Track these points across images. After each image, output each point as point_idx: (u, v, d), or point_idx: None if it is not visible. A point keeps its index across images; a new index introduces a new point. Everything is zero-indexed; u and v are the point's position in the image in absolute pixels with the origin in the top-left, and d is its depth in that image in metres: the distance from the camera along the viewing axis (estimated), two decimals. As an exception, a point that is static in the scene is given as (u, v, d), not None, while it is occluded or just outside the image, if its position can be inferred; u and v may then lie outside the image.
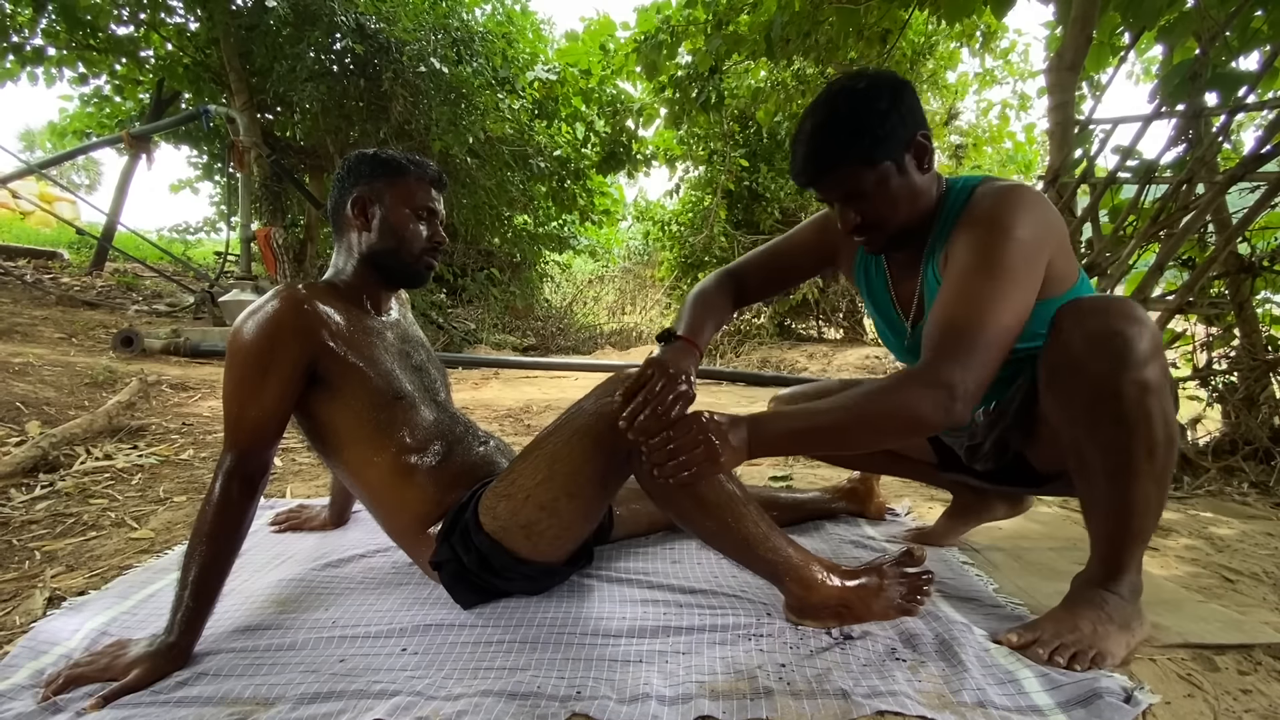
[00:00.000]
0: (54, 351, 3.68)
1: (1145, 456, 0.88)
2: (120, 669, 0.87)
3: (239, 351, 1.00)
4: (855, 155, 0.96)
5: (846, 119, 0.96)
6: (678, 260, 8.52)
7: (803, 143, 1.00)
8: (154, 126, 6.13)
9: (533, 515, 1.01)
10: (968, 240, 0.97)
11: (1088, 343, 0.89)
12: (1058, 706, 0.80)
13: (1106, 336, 0.88)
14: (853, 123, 0.95)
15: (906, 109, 0.97)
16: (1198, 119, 2.13)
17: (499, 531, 1.03)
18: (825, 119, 0.97)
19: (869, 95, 0.96)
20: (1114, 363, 0.87)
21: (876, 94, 0.96)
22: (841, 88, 0.98)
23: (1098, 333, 0.88)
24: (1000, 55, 7.01)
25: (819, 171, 0.99)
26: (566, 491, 1.00)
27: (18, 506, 1.57)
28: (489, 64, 6.38)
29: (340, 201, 1.16)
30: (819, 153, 0.98)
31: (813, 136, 0.98)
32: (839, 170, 0.98)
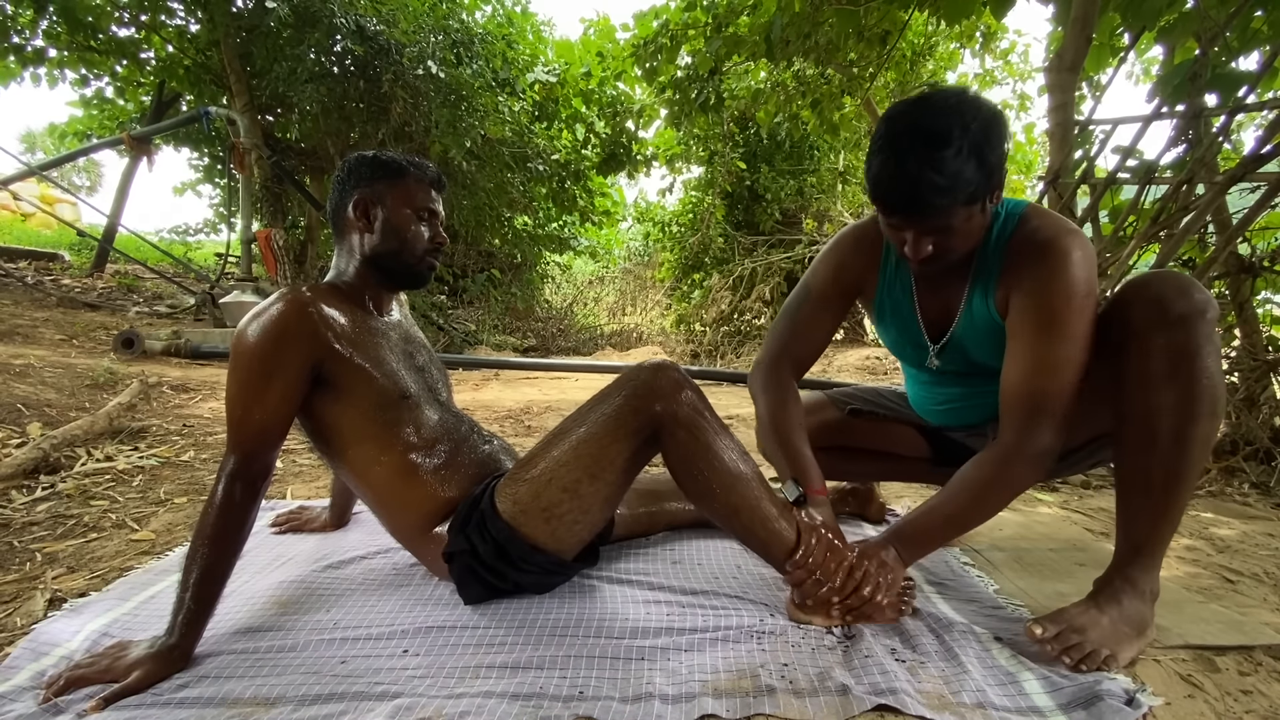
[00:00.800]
0: (55, 353, 3.68)
1: (1208, 416, 0.91)
2: (121, 670, 0.87)
3: (243, 354, 1.00)
4: (963, 197, 0.93)
5: (964, 161, 0.90)
6: (678, 261, 8.52)
7: (908, 176, 0.91)
8: (155, 128, 6.13)
9: (555, 498, 1.02)
10: (1039, 299, 0.98)
11: (1174, 305, 0.92)
12: (1058, 708, 0.80)
13: (1189, 299, 0.92)
14: (968, 166, 0.90)
15: (1006, 146, 0.95)
16: (1198, 119, 2.13)
17: (518, 517, 1.04)
18: (940, 158, 0.89)
19: (984, 133, 0.91)
20: (1197, 322, 0.91)
21: (990, 131, 0.92)
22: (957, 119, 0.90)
23: (1181, 295, 0.92)
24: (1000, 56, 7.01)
25: (921, 212, 0.94)
26: (590, 474, 1.01)
27: (19, 508, 1.57)
28: (489, 65, 6.39)
29: (341, 204, 1.16)
30: (929, 195, 0.91)
31: (924, 175, 0.90)
32: (942, 213, 0.94)
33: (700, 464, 1.00)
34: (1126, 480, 0.99)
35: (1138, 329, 0.94)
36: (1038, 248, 1.00)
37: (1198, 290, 0.93)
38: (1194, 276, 2.04)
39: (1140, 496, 0.96)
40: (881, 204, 0.98)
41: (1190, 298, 0.92)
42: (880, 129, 0.96)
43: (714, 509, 1.03)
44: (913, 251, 0.99)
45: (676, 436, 0.99)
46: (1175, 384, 0.91)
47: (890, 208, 0.97)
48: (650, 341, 8.80)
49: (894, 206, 0.97)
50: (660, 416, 0.99)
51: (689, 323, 8.30)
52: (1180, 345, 0.91)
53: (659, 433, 1.00)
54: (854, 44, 4.25)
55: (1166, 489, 0.93)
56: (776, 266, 7.49)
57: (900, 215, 0.97)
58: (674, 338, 8.64)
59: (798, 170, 8.03)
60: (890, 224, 1.00)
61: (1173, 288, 0.93)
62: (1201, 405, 0.90)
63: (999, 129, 0.93)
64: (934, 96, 0.94)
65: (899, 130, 0.93)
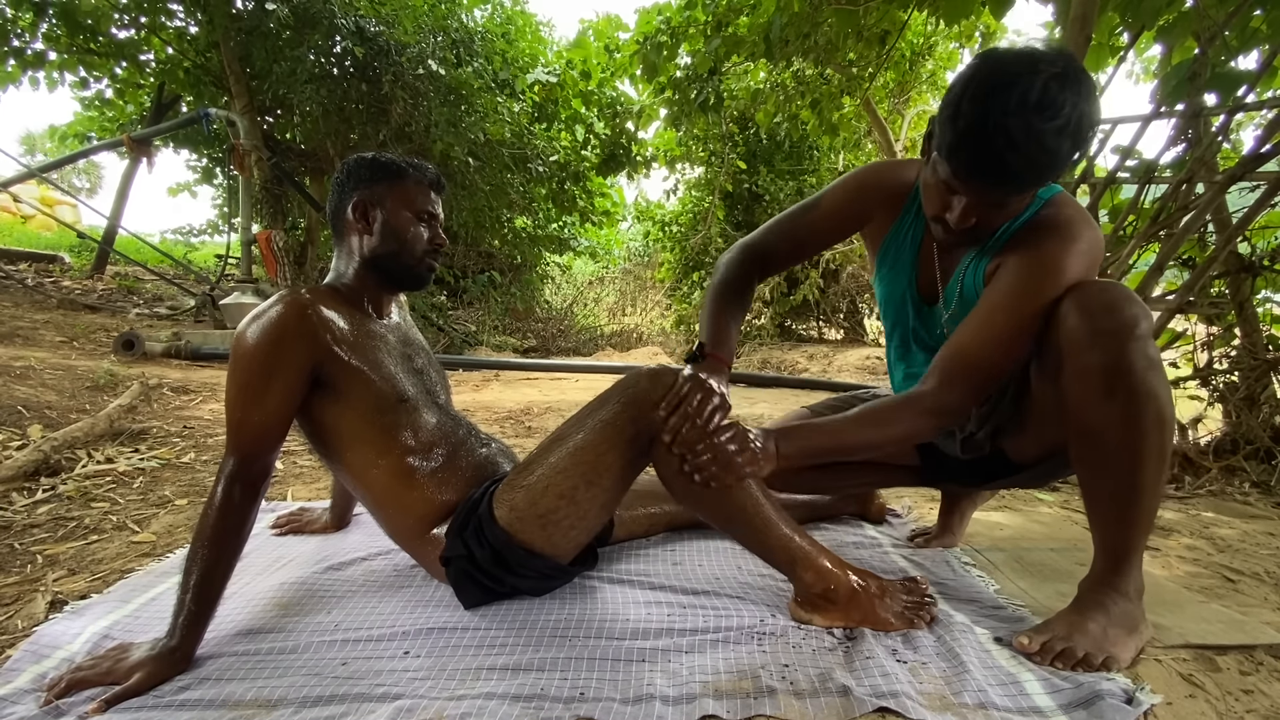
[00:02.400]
0: (55, 355, 3.68)
1: (1155, 428, 0.89)
2: (122, 673, 0.87)
3: (243, 356, 1.00)
4: (1049, 179, 0.88)
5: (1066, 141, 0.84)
6: (678, 261, 8.52)
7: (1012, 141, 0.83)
8: (155, 130, 6.14)
9: (551, 504, 1.02)
10: (1017, 271, 0.97)
11: (1100, 320, 0.90)
12: (1059, 708, 0.80)
13: (1117, 314, 0.89)
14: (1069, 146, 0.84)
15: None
16: (1197, 119, 2.13)
17: (514, 524, 1.03)
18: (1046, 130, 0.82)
19: (1093, 117, 0.85)
20: (1125, 338, 0.88)
21: (1096, 116, 0.86)
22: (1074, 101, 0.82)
23: (1108, 311, 0.90)
24: (998, 56, 6.99)
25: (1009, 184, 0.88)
26: (586, 480, 1.01)
27: (19, 510, 1.57)
28: (489, 66, 6.39)
29: (340, 206, 1.16)
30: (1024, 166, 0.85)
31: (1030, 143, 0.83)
32: (1025, 187, 0.89)
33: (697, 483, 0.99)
34: (1088, 494, 0.98)
35: (1066, 348, 0.92)
36: (1048, 224, 0.97)
37: (1127, 303, 0.89)
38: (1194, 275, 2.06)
39: (1105, 509, 0.96)
40: (964, 165, 0.88)
41: (1118, 314, 0.89)
42: (984, 78, 0.85)
43: (711, 516, 1.03)
44: (958, 219, 0.93)
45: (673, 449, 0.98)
46: (1114, 402, 0.89)
47: (973, 171, 0.88)
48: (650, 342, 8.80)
49: (979, 171, 0.88)
50: (657, 426, 0.98)
51: (689, 323, 8.30)
52: (1113, 364, 0.88)
53: (656, 442, 0.99)
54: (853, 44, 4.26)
55: (1128, 502, 0.93)
56: (776, 266, 7.48)
57: (980, 182, 0.89)
58: (674, 338, 8.65)
59: (797, 171, 8.04)
60: (953, 184, 0.91)
61: (1100, 302, 0.90)
62: (1145, 420, 0.89)
63: (1099, 111, 0.88)
64: (1047, 58, 0.83)
65: (1005, 84, 0.82)
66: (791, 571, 1.02)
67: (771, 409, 3.50)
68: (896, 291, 1.20)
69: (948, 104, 0.89)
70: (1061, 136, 0.83)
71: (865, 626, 1.00)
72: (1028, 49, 0.85)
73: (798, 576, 1.02)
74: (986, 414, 1.17)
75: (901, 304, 1.20)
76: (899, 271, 1.18)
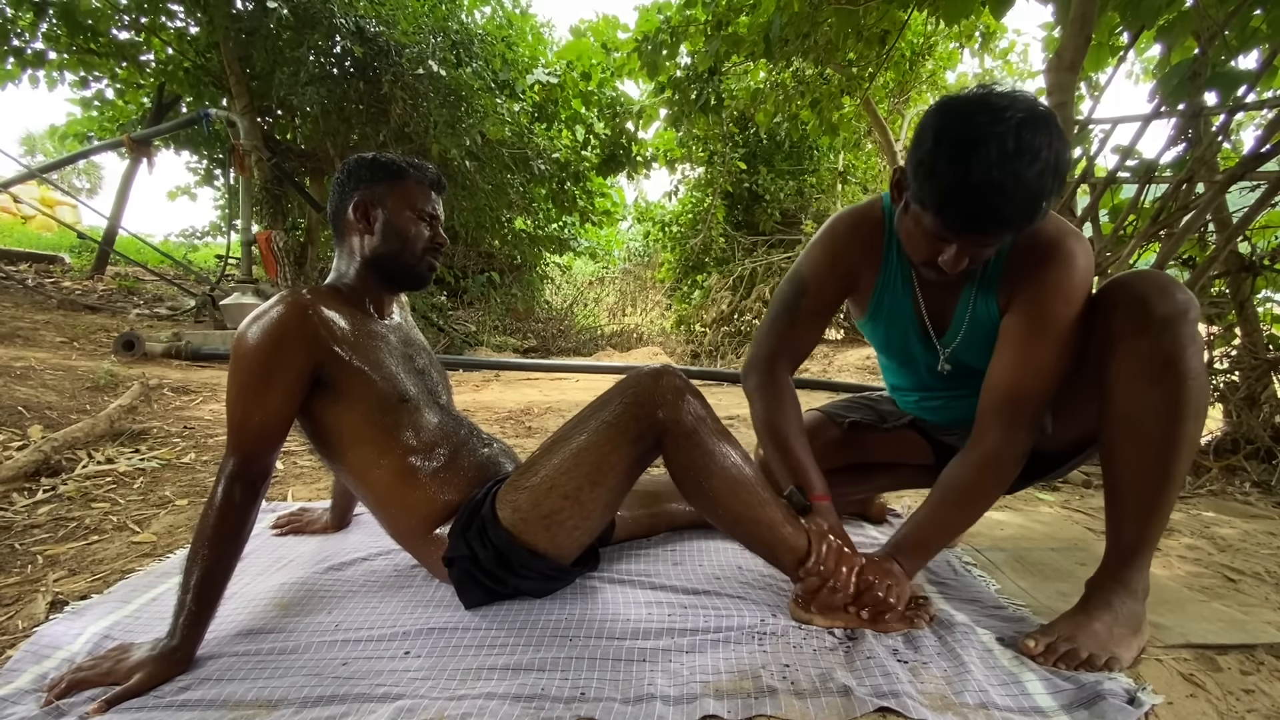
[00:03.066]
0: (55, 355, 3.68)
1: (1194, 417, 0.91)
2: (123, 673, 0.87)
3: (243, 356, 1.00)
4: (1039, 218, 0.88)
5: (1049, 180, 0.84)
6: (678, 261, 8.52)
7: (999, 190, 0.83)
8: (155, 130, 6.14)
9: (555, 505, 1.02)
10: (1038, 303, 0.99)
11: (1156, 308, 0.91)
12: (1061, 708, 0.80)
13: (1171, 301, 0.91)
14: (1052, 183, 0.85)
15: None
16: (1197, 118, 2.13)
17: (518, 524, 1.03)
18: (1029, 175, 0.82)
19: (1065, 150, 0.85)
20: (1180, 323, 0.90)
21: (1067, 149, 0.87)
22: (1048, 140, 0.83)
23: (1163, 296, 0.92)
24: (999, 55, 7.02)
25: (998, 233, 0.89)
26: (590, 480, 1.01)
27: (20, 511, 1.57)
28: (488, 66, 6.39)
29: (341, 206, 1.16)
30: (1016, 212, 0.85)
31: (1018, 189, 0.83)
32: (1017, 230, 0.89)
33: (703, 471, 1.00)
34: (1115, 482, 0.98)
35: (1121, 331, 0.94)
36: (1043, 250, 0.99)
37: (1179, 290, 0.92)
38: (1195, 275, 2.06)
39: (1129, 498, 0.96)
40: (955, 221, 0.88)
41: (1172, 298, 0.91)
42: (954, 135, 0.85)
43: (717, 515, 1.03)
44: (951, 265, 0.93)
45: (679, 444, 0.99)
46: (1160, 386, 0.91)
47: (967, 225, 0.88)
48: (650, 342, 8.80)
49: (973, 225, 0.87)
50: (663, 424, 0.99)
51: (689, 323, 8.31)
52: (1165, 348, 0.90)
53: (661, 439, 1.00)
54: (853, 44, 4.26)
55: (1155, 490, 0.93)
56: (776, 267, 7.50)
57: (974, 234, 0.89)
58: (674, 338, 8.65)
59: (797, 171, 8.04)
60: (945, 237, 0.91)
61: (1154, 289, 0.93)
62: (1188, 407, 0.90)
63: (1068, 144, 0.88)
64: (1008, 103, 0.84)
65: (979, 139, 0.82)
66: (794, 572, 1.02)
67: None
68: (898, 332, 1.18)
69: (921, 162, 0.88)
70: (1044, 176, 0.84)
71: (866, 627, 1.00)
72: (983, 97, 0.86)
73: (800, 577, 1.02)
74: None
75: (905, 342, 1.19)
76: (898, 312, 1.16)
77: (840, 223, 1.15)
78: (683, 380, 1.02)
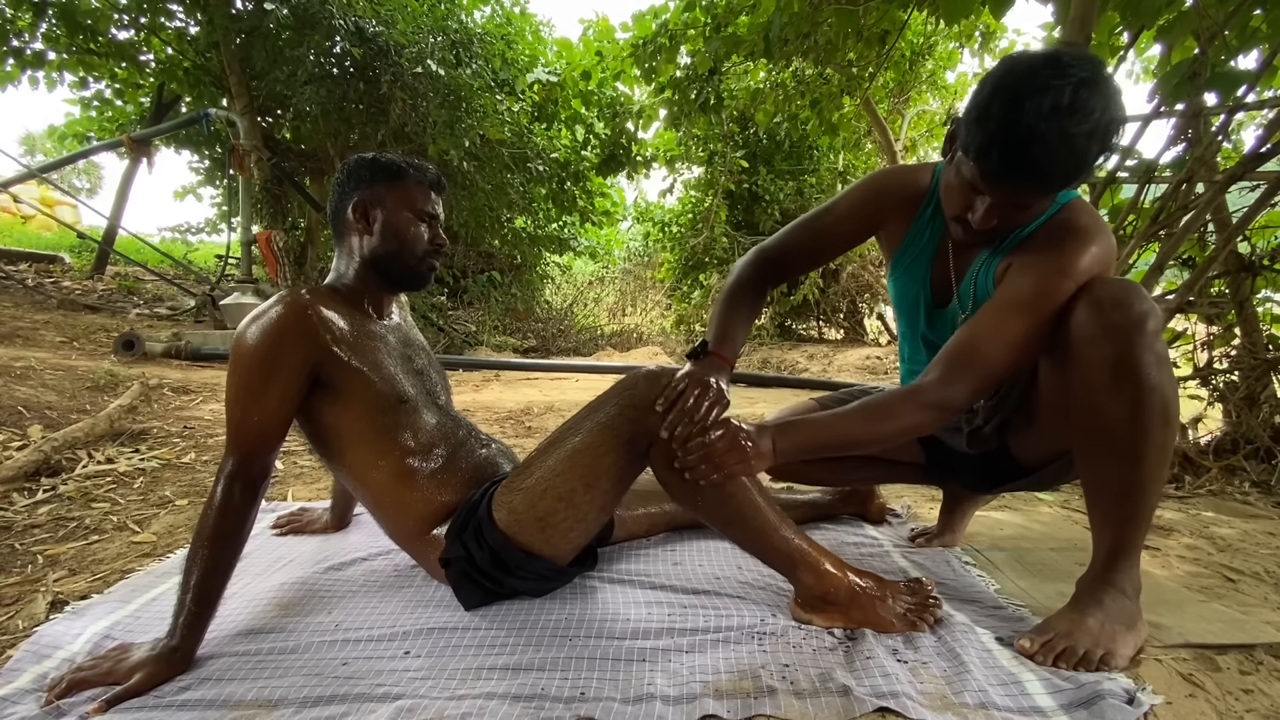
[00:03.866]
0: (55, 355, 3.68)
1: (1160, 425, 0.90)
2: (123, 673, 0.87)
3: (242, 356, 1.00)
4: (1079, 181, 0.90)
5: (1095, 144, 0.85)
6: (678, 261, 8.52)
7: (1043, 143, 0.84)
8: (154, 130, 6.13)
9: (550, 507, 1.02)
10: (1031, 272, 0.97)
11: (1110, 317, 0.90)
12: (1061, 708, 0.80)
13: (1126, 310, 0.90)
14: (1097, 149, 0.85)
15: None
16: (1197, 118, 2.13)
17: (513, 526, 1.04)
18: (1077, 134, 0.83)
19: (1119, 120, 0.85)
20: (1135, 334, 0.89)
21: (1122, 120, 0.86)
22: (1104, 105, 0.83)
23: (1118, 307, 0.90)
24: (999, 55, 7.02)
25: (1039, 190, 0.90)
26: (585, 483, 1.01)
27: (20, 510, 1.57)
28: (488, 66, 6.38)
29: (341, 206, 1.16)
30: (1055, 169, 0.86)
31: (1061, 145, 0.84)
32: (1052, 189, 0.90)
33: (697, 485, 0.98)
34: (1090, 490, 0.98)
35: (1076, 341, 0.93)
36: (1064, 232, 0.97)
37: (1139, 300, 0.90)
38: (1194, 275, 2.06)
39: (1105, 505, 0.96)
40: (995, 167, 0.88)
41: (1129, 309, 0.89)
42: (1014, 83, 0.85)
43: (711, 518, 1.03)
44: (981, 219, 0.94)
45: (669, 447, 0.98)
46: (1120, 397, 0.90)
47: (1004, 173, 0.88)
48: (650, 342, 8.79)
49: (1010, 173, 0.88)
50: (654, 427, 0.98)
51: (689, 323, 8.31)
52: (1120, 358, 0.89)
53: (655, 445, 0.99)
54: (853, 44, 4.25)
55: (1130, 497, 0.93)
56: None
57: (1009, 184, 0.90)
58: (674, 338, 8.64)
59: (797, 171, 8.04)
60: (979, 185, 0.92)
61: (1110, 297, 0.91)
62: (1151, 417, 0.89)
63: (1125, 115, 0.87)
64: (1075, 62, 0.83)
65: (1036, 89, 0.83)
66: (791, 573, 1.02)
67: (772, 409, 3.50)
68: (910, 292, 1.20)
69: (975, 106, 0.89)
70: (1091, 140, 0.84)
71: (866, 628, 1.00)
72: (1054, 53, 0.86)
73: (798, 578, 1.02)
74: (994, 407, 1.17)
75: (914, 305, 1.20)
76: (914, 274, 1.19)
77: (887, 171, 1.22)
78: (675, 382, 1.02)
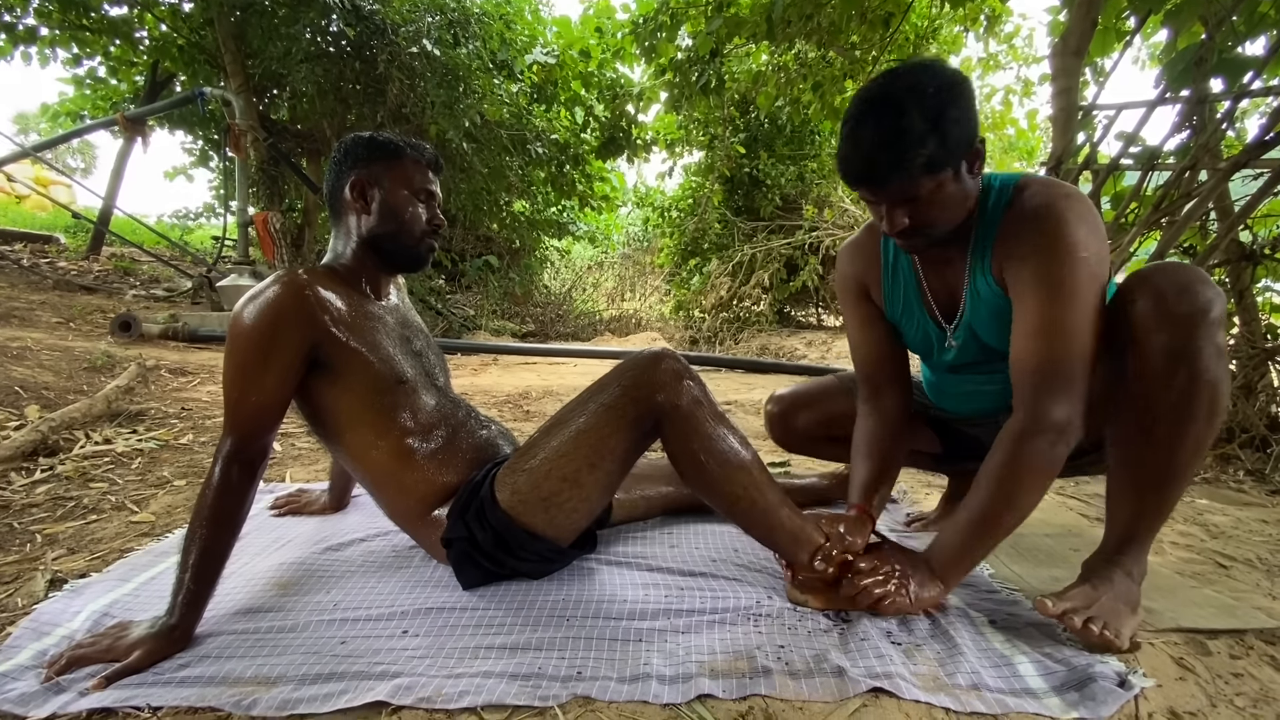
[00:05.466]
0: (52, 336, 3.67)
1: (1206, 419, 0.90)
2: (122, 650, 0.88)
3: (240, 336, 0.99)
4: (920, 166, 0.91)
5: (916, 126, 0.89)
6: (677, 246, 8.48)
7: (863, 145, 0.93)
8: (149, 109, 6.05)
9: (554, 487, 1.03)
10: (1036, 263, 0.94)
11: (1174, 306, 0.89)
12: (1052, 690, 0.81)
13: (1192, 298, 0.89)
14: (922, 131, 0.89)
15: (971, 113, 0.93)
16: (1202, 105, 2.11)
17: (516, 507, 1.04)
18: (892, 125, 0.90)
19: (939, 99, 0.89)
20: (1198, 323, 0.88)
21: (946, 97, 0.90)
22: (909, 87, 0.90)
23: (1183, 294, 0.89)
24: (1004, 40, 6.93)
25: (880, 180, 0.94)
26: (589, 463, 1.02)
27: (18, 490, 1.57)
28: (486, 46, 6.30)
29: (338, 185, 1.15)
30: (883, 162, 0.92)
31: (876, 142, 0.92)
32: (900, 180, 0.93)
33: (700, 453, 1.00)
34: (1119, 475, 0.98)
35: (1137, 326, 0.92)
36: (1031, 212, 0.96)
37: (1203, 287, 0.89)
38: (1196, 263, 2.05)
39: (1132, 492, 0.96)
40: (844, 177, 0.98)
41: (1193, 296, 0.89)
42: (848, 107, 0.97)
43: (715, 497, 1.04)
44: (889, 225, 0.98)
45: (677, 427, 1.00)
46: (1172, 386, 0.89)
47: (852, 179, 0.97)
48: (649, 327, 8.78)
49: (854, 177, 0.97)
50: (661, 407, 0.99)
51: (688, 309, 8.29)
52: (1179, 347, 0.88)
53: (660, 423, 1.00)
54: (856, 26, 4.20)
55: (1158, 489, 0.93)
56: (776, 253, 7.46)
57: (863, 186, 0.97)
58: (673, 324, 8.63)
59: (798, 155, 7.97)
60: (863, 199, 1.00)
61: (1174, 285, 0.90)
62: (1199, 409, 0.89)
63: (960, 94, 0.91)
64: (897, 68, 0.94)
65: (858, 101, 0.94)
66: (792, 553, 1.03)
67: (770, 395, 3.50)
68: (915, 324, 1.19)
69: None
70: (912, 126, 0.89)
71: (860, 609, 1.00)
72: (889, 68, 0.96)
73: (797, 559, 1.03)
74: None
75: (924, 333, 1.19)
76: (911, 303, 1.17)
77: (842, 250, 1.26)
78: (681, 364, 1.02)
